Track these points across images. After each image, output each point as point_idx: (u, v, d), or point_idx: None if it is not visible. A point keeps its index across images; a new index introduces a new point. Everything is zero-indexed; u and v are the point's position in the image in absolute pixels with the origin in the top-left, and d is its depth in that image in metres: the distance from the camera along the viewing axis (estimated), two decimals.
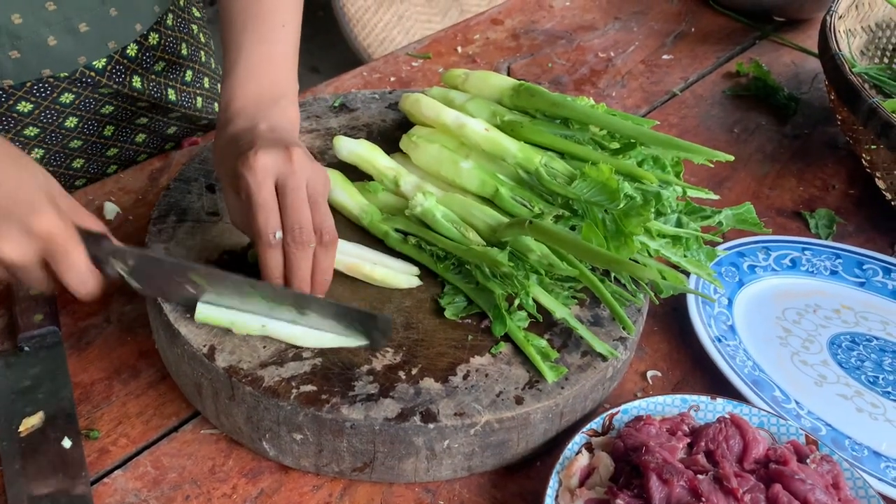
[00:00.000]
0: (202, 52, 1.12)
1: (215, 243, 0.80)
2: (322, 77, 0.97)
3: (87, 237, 0.65)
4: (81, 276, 0.65)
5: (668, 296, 0.81)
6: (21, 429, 0.72)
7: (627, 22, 1.42)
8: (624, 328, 0.76)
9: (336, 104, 1.00)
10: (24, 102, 0.91)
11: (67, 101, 0.95)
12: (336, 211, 0.82)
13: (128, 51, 0.97)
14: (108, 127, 1.02)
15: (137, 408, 0.76)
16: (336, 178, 0.84)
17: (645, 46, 1.36)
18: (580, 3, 1.46)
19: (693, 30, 1.41)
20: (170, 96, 1.04)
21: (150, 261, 0.70)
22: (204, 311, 0.70)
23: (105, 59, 0.95)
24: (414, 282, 0.78)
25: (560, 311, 0.75)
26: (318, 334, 0.72)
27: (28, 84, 0.90)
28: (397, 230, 0.82)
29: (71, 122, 0.97)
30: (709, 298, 0.83)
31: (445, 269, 0.78)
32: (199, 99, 1.11)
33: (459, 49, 1.32)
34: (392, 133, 0.96)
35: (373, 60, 1.29)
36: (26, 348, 0.78)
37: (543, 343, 0.73)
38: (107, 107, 0.99)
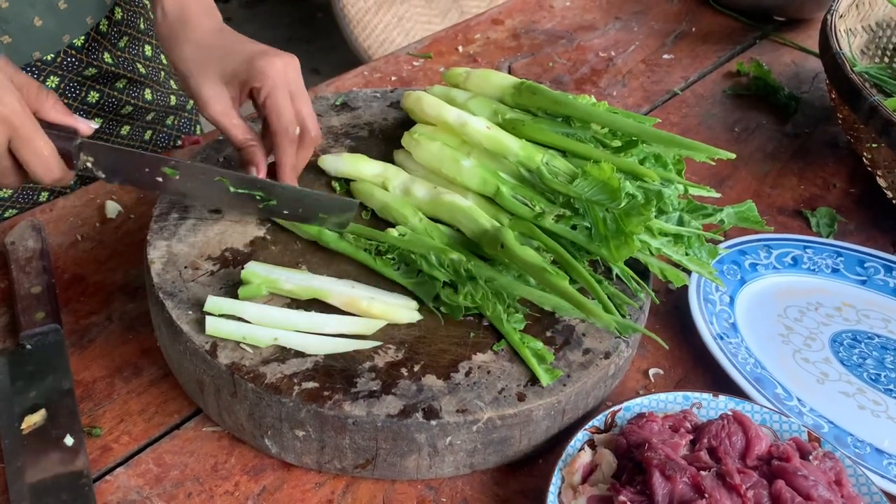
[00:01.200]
0: None
1: (217, 240, 0.80)
2: (322, 78, 0.98)
3: (57, 132, 0.67)
4: (45, 163, 0.67)
5: (680, 285, 0.80)
6: (23, 426, 0.72)
7: (628, 22, 1.42)
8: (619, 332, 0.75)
9: (338, 103, 1.00)
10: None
11: (53, 86, 0.96)
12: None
13: (101, 26, 0.99)
14: (95, 118, 1.02)
15: (139, 405, 0.76)
16: None
17: (645, 46, 1.36)
18: (580, 3, 1.47)
19: (693, 29, 1.42)
20: (139, 69, 1.07)
21: (121, 154, 0.73)
22: (214, 325, 0.70)
23: (84, 37, 0.97)
24: (414, 316, 0.75)
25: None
26: (329, 342, 0.71)
27: (22, 68, 0.91)
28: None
29: None
30: (720, 283, 0.82)
31: (384, 264, 0.78)
32: (163, 73, 1.13)
33: (460, 49, 1.32)
34: (393, 131, 0.96)
35: (374, 60, 1.29)
36: (28, 346, 0.78)
37: (540, 345, 0.73)
38: (92, 93, 1.00)
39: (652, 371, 0.83)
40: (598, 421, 0.73)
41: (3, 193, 0.97)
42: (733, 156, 0.80)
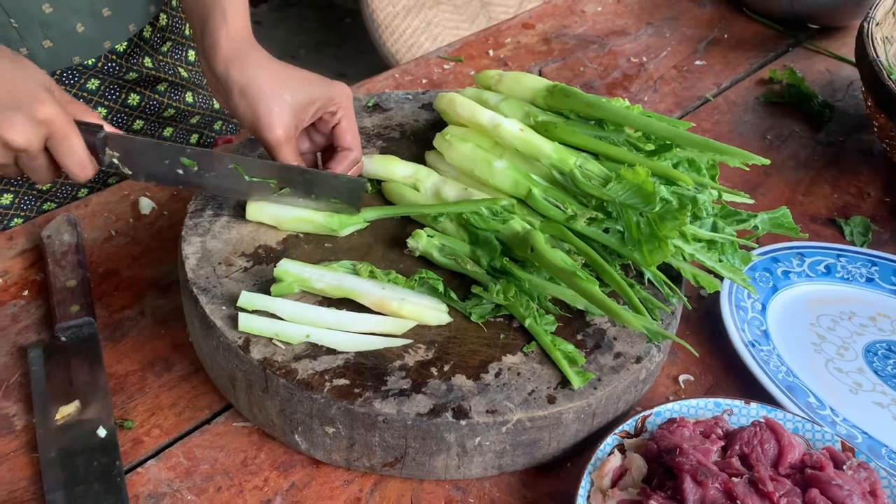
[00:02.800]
0: None
1: (251, 237, 0.80)
2: (349, 83, 0.98)
3: (84, 127, 0.70)
4: (79, 160, 0.70)
5: (712, 291, 0.80)
6: (57, 417, 0.73)
7: (660, 27, 1.42)
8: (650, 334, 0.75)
9: (370, 104, 1.01)
10: None
11: (94, 88, 0.97)
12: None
13: (144, 32, 1.00)
14: (137, 121, 1.04)
15: (170, 399, 0.77)
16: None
17: (677, 52, 1.36)
18: (612, 9, 1.46)
19: (726, 36, 1.41)
20: (181, 73, 1.08)
21: (142, 145, 0.75)
22: (247, 321, 0.70)
23: (126, 43, 0.98)
24: (444, 318, 0.75)
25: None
26: (360, 339, 0.72)
27: (58, 72, 0.92)
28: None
29: (101, 113, 0.99)
30: (752, 290, 0.81)
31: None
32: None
33: (491, 52, 1.32)
34: (425, 133, 0.97)
35: (404, 63, 1.29)
36: (63, 338, 0.79)
37: (571, 347, 0.73)
38: (132, 96, 1.01)
39: (682, 377, 0.83)
40: (628, 425, 0.72)
41: (42, 186, 0.99)
42: (768, 161, 0.79)
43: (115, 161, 0.73)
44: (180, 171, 0.75)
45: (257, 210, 0.81)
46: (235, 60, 0.80)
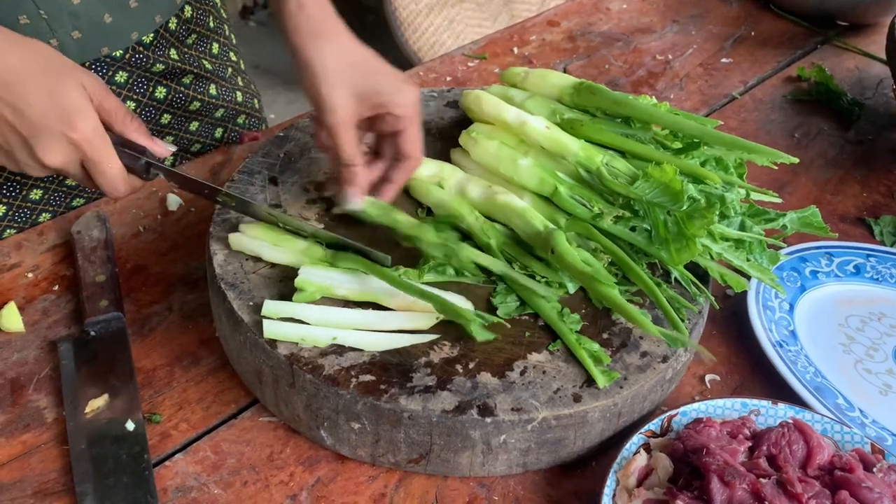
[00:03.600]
0: (225, 26, 1.15)
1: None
2: None
3: (128, 151, 0.73)
4: (113, 183, 0.72)
5: (740, 290, 0.79)
6: (87, 410, 0.74)
7: (685, 25, 1.41)
8: (676, 330, 0.74)
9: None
10: None
11: (122, 81, 0.98)
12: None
13: (169, 24, 1.01)
14: (164, 115, 1.05)
15: (198, 394, 0.77)
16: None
17: (703, 50, 1.35)
18: (637, 6, 1.45)
19: (753, 33, 1.39)
20: (206, 65, 1.09)
21: (181, 179, 0.78)
22: (272, 328, 0.70)
23: (152, 34, 0.99)
24: (469, 306, 0.75)
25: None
26: (386, 338, 0.72)
27: (87, 64, 0.93)
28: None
29: (129, 106, 1.00)
30: (780, 290, 0.80)
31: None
32: (230, 69, 1.15)
33: (515, 50, 1.32)
34: (450, 130, 0.97)
35: (429, 61, 1.30)
36: (92, 333, 0.80)
37: (596, 346, 0.73)
38: (159, 89, 1.03)
39: (708, 377, 0.82)
40: (654, 425, 0.72)
41: (71, 181, 1.00)
42: (796, 160, 0.78)
43: (160, 175, 0.76)
44: (220, 199, 0.79)
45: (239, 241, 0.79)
46: (307, 34, 0.76)
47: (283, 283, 0.76)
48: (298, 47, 0.76)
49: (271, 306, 0.71)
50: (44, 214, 0.99)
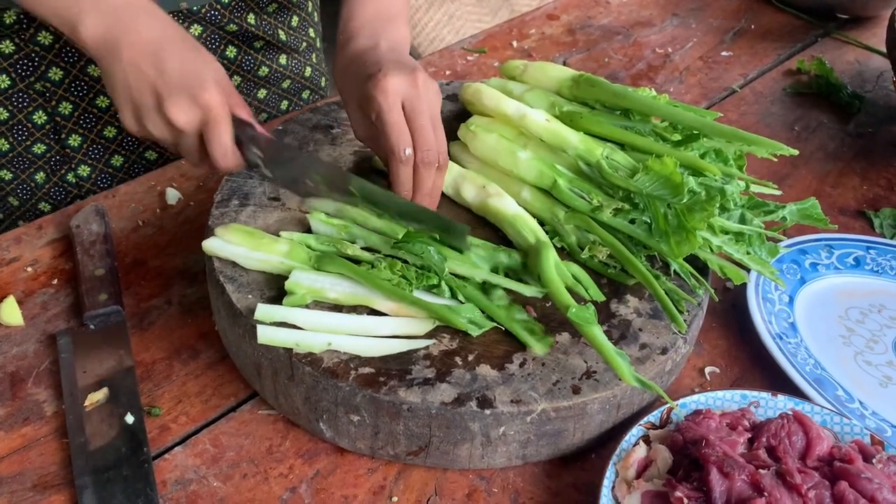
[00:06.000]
0: (309, 2, 1.16)
1: (276, 227, 0.81)
2: None
3: (237, 122, 0.73)
4: (224, 150, 0.73)
5: (740, 283, 0.79)
6: (86, 403, 0.74)
7: (685, 18, 1.41)
8: (675, 324, 0.74)
9: None
10: None
11: (196, 34, 1.01)
12: None
13: None
14: (235, 77, 1.07)
15: (197, 387, 0.77)
16: None
17: (703, 43, 1.34)
18: None
19: (753, 27, 1.39)
20: (280, 36, 1.10)
21: (281, 149, 0.77)
22: (266, 333, 0.69)
23: None
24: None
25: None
26: (382, 344, 0.70)
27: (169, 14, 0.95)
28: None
29: None
30: (780, 283, 0.80)
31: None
32: (304, 44, 1.15)
33: (515, 44, 1.32)
34: (449, 123, 0.96)
35: (428, 55, 1.29)
36: (91, 326, 0.80)
37: (525, 316, 0.73)
38: (230, 48, 1.05)
39: (708, 369, 0.82)
40: (653, 417, 0.72)
41: (83, 173, 1.00)
42: (796, 152, 0.78)
43: (258, 161, 0.75)
44: (309, 183, 0.77)
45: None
46: (371, 16, 0.82)
47: (282, 277, 0.75)
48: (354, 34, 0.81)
49: (264, 310, 0.70)
50: (42, 203, 1.01)
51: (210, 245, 0.75)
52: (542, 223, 0.84)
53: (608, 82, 0.87)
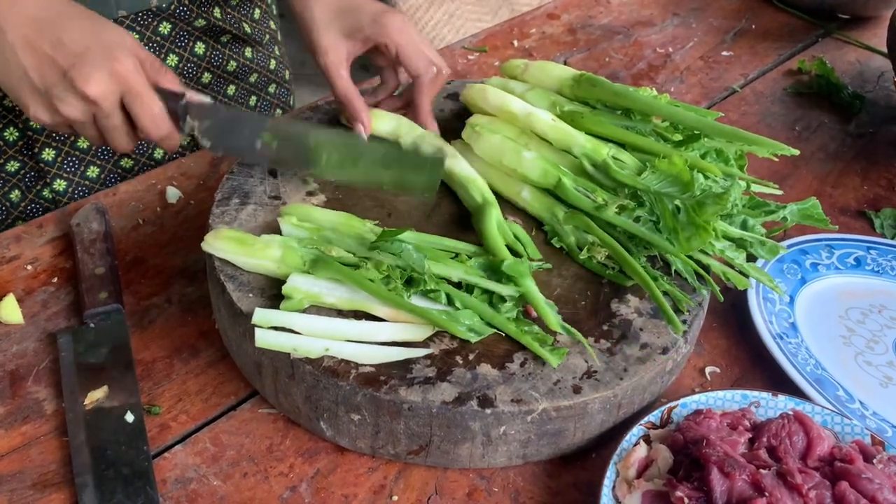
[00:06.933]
0: None
1: (277, 225, 0.80)
2: (371, 74, 1.00)
3: (166, 94, 0.71)
4: (155, 119, 0.71)
5: (743, 288, 0.78)
6: (86, 402, 0.74)
7: (686, 18, 1.41)
8: (671, 327, 0.73)
9: (396, 94, 1.00)
10: (132, 33, 0.95)
11: (165, 33, 1.01)
12: None
13: None
14: (205, 74, 1.07)
15: (197, 386, 0.77)
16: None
17: (704, 43, 1.34)
18: None
19: (753, 27, 1.39)
20: (245, 28, 1.11)
21: (223, 115, 0.75)
22: (264, 337, 0.69)
23: None
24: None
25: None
26: (380, 351, 0.70)
27: (139, 14, 0.96)
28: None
29: (171, 60, 1.03)
30: (779, 291, 0.80)
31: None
32: (267, 36, 1.16)
33: (515, 43, 1.31)
34: (450, 123, 0.96)
35: None
36: (92, 324, 0.80)
37: (536, 329, 0.72)
38: (199, 44, 1.05)
39: (709, 369, 0.82)
40: (654, 416, 0.72)
41: (59, 188, 1.00)
42: (797, 152, 0.78)
43: (195, 132, 0.73)
44: (258, 145, 0.75)
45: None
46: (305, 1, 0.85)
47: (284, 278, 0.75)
48: (294, 8, 0.85)
49: (262, 314, 0.70)
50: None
51: (209, 245, 0.75)
52: (541, 223, 0.84)
53: (609, 82, 0.87)
